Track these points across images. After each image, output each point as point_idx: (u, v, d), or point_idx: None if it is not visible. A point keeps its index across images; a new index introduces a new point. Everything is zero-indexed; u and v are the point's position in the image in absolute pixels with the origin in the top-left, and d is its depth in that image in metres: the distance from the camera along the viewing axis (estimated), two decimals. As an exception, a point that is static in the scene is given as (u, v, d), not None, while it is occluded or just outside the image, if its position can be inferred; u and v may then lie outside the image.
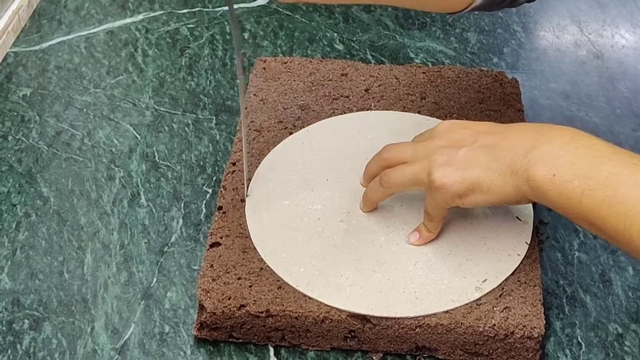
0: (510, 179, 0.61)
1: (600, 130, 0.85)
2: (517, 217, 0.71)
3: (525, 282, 0.66)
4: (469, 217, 0.71)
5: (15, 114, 0.87)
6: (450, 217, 0.71)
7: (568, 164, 0.59)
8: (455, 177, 0.63)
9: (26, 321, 0.68)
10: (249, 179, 0.74)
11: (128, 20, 1.01)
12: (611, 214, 0.57)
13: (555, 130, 0.62)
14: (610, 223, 0.58)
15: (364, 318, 0.64)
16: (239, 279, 0.67)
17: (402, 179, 0.67)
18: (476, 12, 1.03)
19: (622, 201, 0.57)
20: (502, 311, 0.64)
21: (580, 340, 0.67)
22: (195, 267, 0.72)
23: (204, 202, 0.78)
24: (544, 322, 0.64)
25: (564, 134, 0.61)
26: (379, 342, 0.65)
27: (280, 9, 1.02)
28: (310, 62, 0.88)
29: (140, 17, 1.01)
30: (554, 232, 0.75)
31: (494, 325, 0.63)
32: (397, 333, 0.64)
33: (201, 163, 0.82)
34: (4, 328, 0.67)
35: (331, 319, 0.64)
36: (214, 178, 0.80)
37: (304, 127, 0.81)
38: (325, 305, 0.65)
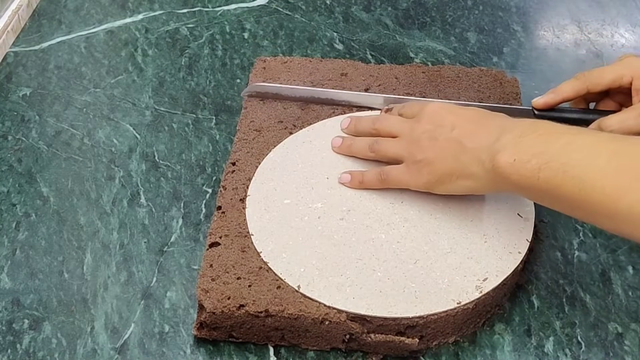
0: (477, 169, 0.65)
1: (600, 129, 0.85)
2: (518, 214, 0.71)
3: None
4: (469, 214, 0.71)
5: (15, 113, 0.87)
6: (451, 213, 0.71)
7: (526, 147, 0.62)
8: (428, 169, 0.69)
9: (26, 321, 0.68)
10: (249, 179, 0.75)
11: (128, 20, 1.01)
12: (566, 179, 0.59)
13: (520, 121, 0.65)
14: (566, 189, 0.59)
15: (364, 319, 0.64)
16: (238, 278, 0.67)
17: (388, 152, 0.73)
18: (476, 12, 1.03)
19: (574, 164, 0.59)
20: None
21: (580, 339, 0.67)
22: (195, 267, 0.72)
23: (204, 201, 0.78)
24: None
25: (525, 123, 0.65)
26: (380, 345, 0.65)
27: (280, 9, 1.02)
28: (310, 61, 0.88)
29: (140, 16, 1.01)
30: (554, 232, 0.75)
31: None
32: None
33: (201, 163, 0.82)
34: (3, 328, 0.67)
35: (330, 321, 0.64)
36: (214, 178, 0.80)
37: (304, 126, 0.81)
38: (325, 306, 0.64)
